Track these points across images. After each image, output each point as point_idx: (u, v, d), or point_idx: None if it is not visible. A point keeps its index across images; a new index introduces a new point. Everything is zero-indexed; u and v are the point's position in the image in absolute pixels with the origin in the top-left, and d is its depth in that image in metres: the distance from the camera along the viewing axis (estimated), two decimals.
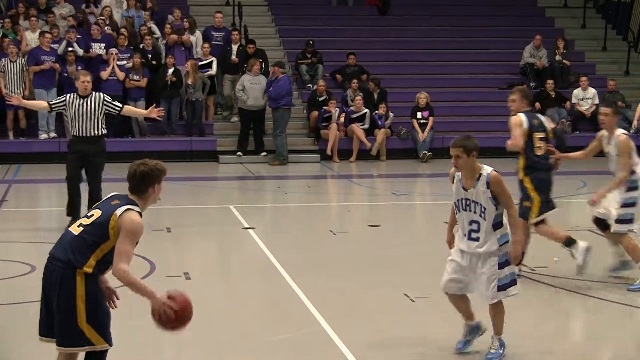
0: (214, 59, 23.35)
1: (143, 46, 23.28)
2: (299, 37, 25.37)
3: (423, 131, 22.71)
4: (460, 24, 26.89)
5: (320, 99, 23.05)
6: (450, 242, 8.62)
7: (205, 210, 14.71)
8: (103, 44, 22.96)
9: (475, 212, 8.23)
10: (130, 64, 22.51)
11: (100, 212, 6.66)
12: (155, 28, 24.12)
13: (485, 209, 8.18)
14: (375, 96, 23.24)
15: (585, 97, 23.74)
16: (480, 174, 8.20)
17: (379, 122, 22.74)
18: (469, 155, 8.16)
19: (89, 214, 6.74)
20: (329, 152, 22.41)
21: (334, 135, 22.41)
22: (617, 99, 23.81)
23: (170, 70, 22.46)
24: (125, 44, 23.02)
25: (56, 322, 6.58)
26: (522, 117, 11.04)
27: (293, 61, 24.59)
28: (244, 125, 22.54)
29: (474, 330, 8.60)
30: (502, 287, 8.24)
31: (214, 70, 23.34)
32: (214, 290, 11.05)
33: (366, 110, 22.87)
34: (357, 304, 10.26)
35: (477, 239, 8.24)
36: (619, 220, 11.01)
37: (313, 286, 10.82)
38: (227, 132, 23.34)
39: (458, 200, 8.35)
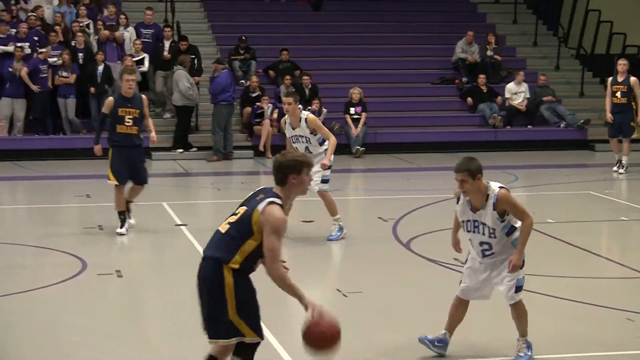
0: (146, 55, 23.18)
1: (74, 43, 23.02)
2: (232, 33, 25.27)
3: (356, 127, 22.75)
4: (392, 20, 26.96)
5: (253, 95, 22.99)
6: (456, 245, 8.56)
7: (138, 207, 14.55)
8: (26, 43, 22.65)
9: (484, 234, 8.13)
10: (60, 61, 22.26)
11: (246, 208, 6.81)
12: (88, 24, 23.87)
13: (494, 229, 8.09)
14: (308, 92, 23.24)
15: (518, 91, 23.94)
16: (488, 195, 8.05)
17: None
18: (475, 179, 7.97)
19: (236, 211, 6.88)
20: (261, 148, 22.35)
21: (266, 131, 22.37)
22: (547, 93, 24.09)
23: (101, 67, 22.27)
24: (57, 40, 22.77)
25: (207, 315, 6.85)
26: None
27: (226, 57, 24.49)
28: (185, 122, 22.43)
29: (444, 342, 8.47)
30: (519, 288, 8.24)
31: (146, 66, 23.18)
32: (146, 288, 10.97)
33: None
34: (290, 300, 10.23)
35: (492, 255, 8.22)
36: None
37: None
38: (159, 129, 23.14)
39: (465, 222, 8.22)
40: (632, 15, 28.15)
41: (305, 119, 13.10)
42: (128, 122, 13.51)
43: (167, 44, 23.54)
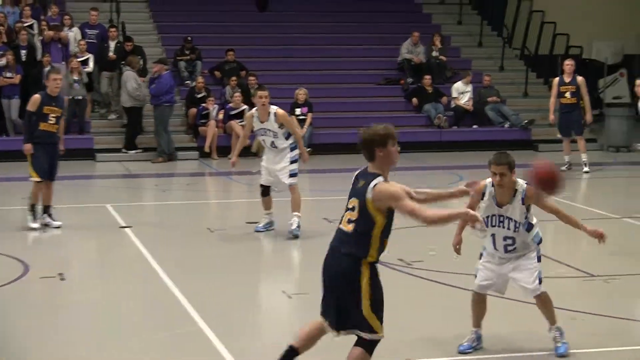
0: (90, 55, 23.02)
1: (18, 43, 22.79)
2: (178, 34, 25.17)
3: (302, 127, 22.74)
4: (338, 20, 27.01)
5: (199, 95, 22.91)
6: (457, 244, 8.56)
7: (81, 209, 14.49)
8: None
9: (509, 229, 8.22)
10: (3, 62, 22.03)
11: (357, 200, 6.93)
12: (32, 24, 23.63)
13: (519, 224, 8.19)
14: (254, 92, 23.16)
15: (465, 91, 24.08)
16: (516, 190, 8.13)
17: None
18: (512, 172, 8.06)
19: (349, 206, 6.98)
20: (207, 149, 22.27)
21: (212, 132, 22.29)
22: (492, 94, 24.25)
23: (47, 70, 22.06)
24: (1, 41, 22.54)
25: (339, 308, 6.94)
26: None
27: (172, 58, 24.39)
28: (134, 123, 22.28)
29: (480, 339, 8.60)
30: (540, 280, 8.37)
31: (90, 67, 23.01)
32: (89, 291, 10.88)
33: (245, 106, 22.79)
34: (235, 302, 10.22)
35: (514, 250, 8.33)
36: None
37: (190, 285, 10.73)
38: (104, 130, 23.04)
39: (489, 217, 8.23)
40: (575, 16, 28.45)
41: (275, 113, 13.32)
42: (51, 120, 13.86)
43: (112, 44, 23.39)
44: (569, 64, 19.82)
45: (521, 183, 8.16)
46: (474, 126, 24.12)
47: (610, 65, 28.06)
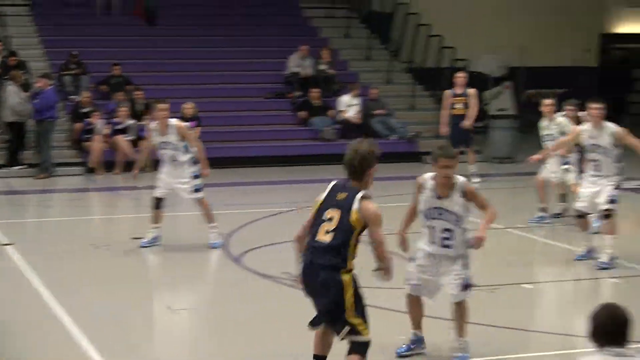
0: None
1: None
2: (63, 48, 24.78)
3: None
4: (226, 34, 26.93)
5: (85, 110, 22.57)
6: (403, 243, 8.65)
7: None
8: None
9: (449, 221, 8.38)
10: None
11: (339, 211, 7.16)
12: None
13: (460, 217, 8.37)
14: (141, 107, 22.95)
15: (353, 104, 24.18)
16: (454, 183, 8.33)
17: (144, 134, 22.44)
18: (457, 165, 8.39)
19: (328, 217, 7.18)
20: (92, 164, 21.92)
21: (97, 147, 21.97)
22: (379, 107, 24.40)
23: None
24: None
25: (330, 316, 7.26)
26: None
27: (57, 72, 24.00)
28: (17, 138, 21.82)
29: (420, 340, 8.74)
30: (466, 287, 8.50)
31: None
32: None
33: (132, 121, 22.57)
34: (118, 318, 10.06)
35: (450, 246, 8.46)
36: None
37: (74, 303, 10.54)
38: None
39: (430, 209, 8.42)
40: (461, 29, 28.83)
41: (174, 126, 13.33)
42: None
43: None
44: (460, 77, 20.09)
45: (458, 177, 8.39)
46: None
47: (495, 77, 28.51)
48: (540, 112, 15.67)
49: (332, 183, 7.43)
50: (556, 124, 15.03)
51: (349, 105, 24.23)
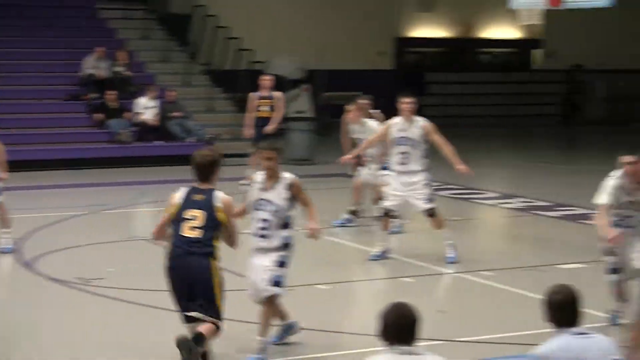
0: None
1: None
2: None
3: None
4: (21, 35, 26.15)
5: None
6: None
7: None
8: None
9: (267, 211, 8.71)
10: None
11: (201, 210, 8.05)
12: None
13: (279, 208, 8.72)
14: None
15: (150, 106, 23.90)
16: (279, 177, 8.77)
17: None
18: (280, 158, 8.78)
19: (189, 216, 8.05)
20: None
21: None
22: (177, 109, 24.20)
23: None
24: None
25: (200, 301, 8.02)
26: None
27: None
28: None
29: (290, 328, 9.21)
30: (276, 283, 8.74)
31: None
32: None
33: None
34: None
35: (265, 236, 8.73)
36: None
37: None
38: None
39: (255, 201, 8.80)
40: (260, 32, 29.00)
41: None
42: None
43: None
44: (266, 79, 20.08)
45: (285, 172, 8.85)
46: (159, 141, 23.93)
47: (293, 80, 28.75)
48: (340, 114, 15.73)
49: (186, 188, 8.21)
50: (367, 128, 15.01)
51: (146, 108, 23.94)
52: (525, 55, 36.28)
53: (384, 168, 15.00)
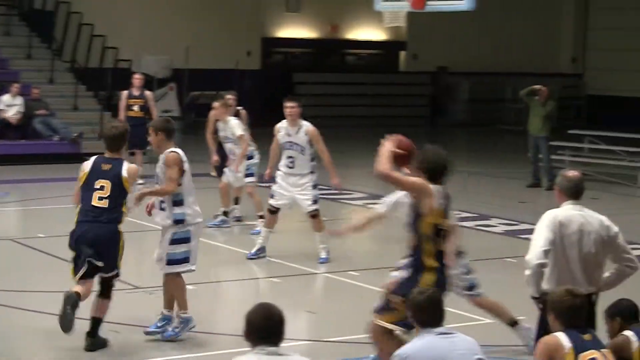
0: None
1: None
2: None
3: None
4: None
5: None
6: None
7: None
8: None
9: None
10: None
11: (108, 180, 8.92)
12: None
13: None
14: None
15: (13, 104, 23.37)
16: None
17: None
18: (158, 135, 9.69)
19: (98, 186, 8.91)
20: None
21: None
22: (41, 107, 23.73)
23: None
24: None
25: (107, 261, 8.94)
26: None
27: None
28: None
29: (166, 318, 9.43)
30: (173, 262, 9.25)
31: None
32: None
33: None
34: None
35: (163, 209, 9.33)
36: None
37: None
38: None
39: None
40: (125, 30, 28.66)
41: None
42: None
43: None
44: (138, 78, 19.83)
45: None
46: (22, 140, 23.42)
47: (160, 79, 28.51)
48: (205, 113, 15.62)
49: (93, 158, 9.08)
50: (229, 126, 14.93)
51: (8, 105, 23.39)
52: (392, 57, 36.71)
53: (247, 167, 15.02)
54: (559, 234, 7.25)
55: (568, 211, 7.34)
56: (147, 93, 19.94)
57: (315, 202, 12.92)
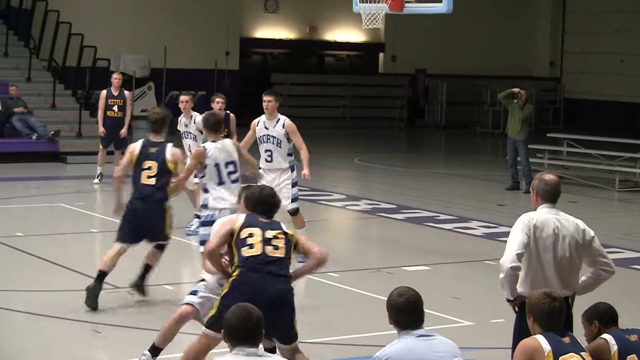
0: None
1: None
2: None
3: None
4: None
5: None
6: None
7: None
8: None
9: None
10: None
11: (155, 161, 10.46)
12: None
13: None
14: None
15: None
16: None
17: None
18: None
19: (146, 166, 10.47)
20: None
21: None
22: (19, 105, 23.60)
23: None
24: None
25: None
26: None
27: None
28: None
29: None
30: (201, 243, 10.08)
31: None
32: None
33: None
34: None
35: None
36: None
37: None
38: None
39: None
40: (104, 29, 28.59)
41: None
42: None
43: None
44: (117, 78, 19.66)
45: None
46: (0, 138, 23.31)
47: (139, 78, 28.45)
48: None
49: (141, 140, 10.60)
50: (195, 122, 14.92)
51: None
52: (371, 58, 36.75)
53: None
54: (534, 237, 7.26)
55: (543, 215, 7.35)
56: (126, 93, 19.87)
57: (294, 200, 12.92)
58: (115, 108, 19.57)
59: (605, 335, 6.65)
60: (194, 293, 8.20)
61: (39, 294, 11.16)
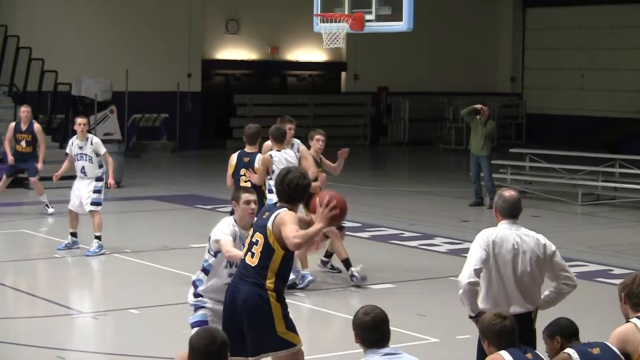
0: None
1: None
2: None
3: None
4: None
5: None
6: None
7: None
8: None
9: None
10: None
11: (248, 170, 12.46)
12: None
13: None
14: None
15: None
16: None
17: None
18: None
19: (242, 173, 12.46)
20: None
21: None
22: None
23: None
24: None
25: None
26: None
27: None
28: None
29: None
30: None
31: None
32: None
33: None
34: None
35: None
36: None
37: None
38: None
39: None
40: (65, 53, 28.50)
41: None
42: None
43: None
44: (24, 111, 18.63)
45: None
46: None
47: (100, 102, 28.35)
48: (144, 136, 15.59)
49: (237, 152, 12.48)
50: (92, 144, 14.93)
51: None
52: (333, 78, 36.83)
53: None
54: (493, 253, 7.29)
55: (503, 230, 7.39)
56: (36, 126, 18.68)
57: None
58: (23, 143, 18.60)
59: (569, 350, 6.68)
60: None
61: (3, 322, 11.07)
